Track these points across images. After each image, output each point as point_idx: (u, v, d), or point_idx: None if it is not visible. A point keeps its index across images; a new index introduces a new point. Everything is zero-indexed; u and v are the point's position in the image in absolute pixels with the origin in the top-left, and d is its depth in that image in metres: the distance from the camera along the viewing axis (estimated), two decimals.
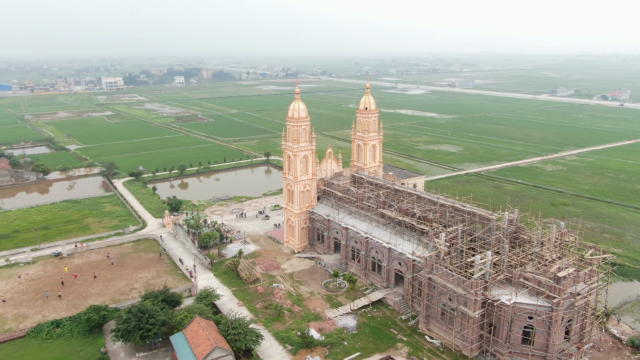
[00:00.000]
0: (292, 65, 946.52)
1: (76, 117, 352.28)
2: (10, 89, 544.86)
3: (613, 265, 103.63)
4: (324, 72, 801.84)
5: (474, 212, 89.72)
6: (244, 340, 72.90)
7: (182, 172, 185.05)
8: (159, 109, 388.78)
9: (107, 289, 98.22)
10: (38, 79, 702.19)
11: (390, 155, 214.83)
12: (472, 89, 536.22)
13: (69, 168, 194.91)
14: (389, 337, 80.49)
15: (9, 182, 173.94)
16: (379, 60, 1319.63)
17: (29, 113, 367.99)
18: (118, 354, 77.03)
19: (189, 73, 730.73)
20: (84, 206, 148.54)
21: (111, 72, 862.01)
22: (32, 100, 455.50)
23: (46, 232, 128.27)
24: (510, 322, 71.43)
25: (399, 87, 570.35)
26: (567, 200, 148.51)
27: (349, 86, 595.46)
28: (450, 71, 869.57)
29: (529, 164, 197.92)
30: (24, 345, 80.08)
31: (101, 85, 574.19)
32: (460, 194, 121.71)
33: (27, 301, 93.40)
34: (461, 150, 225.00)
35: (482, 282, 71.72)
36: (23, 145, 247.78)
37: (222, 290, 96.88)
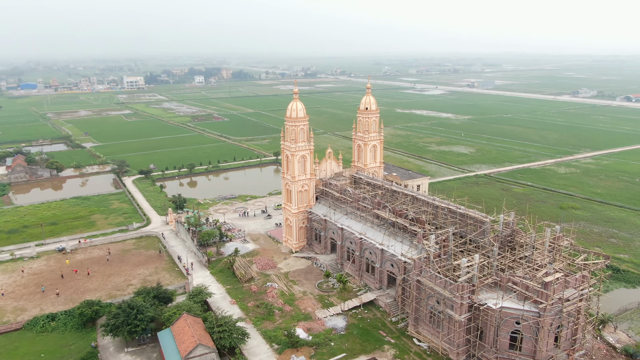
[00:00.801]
0: (312, 65, 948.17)
1: (96, 115, 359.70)
2: (36, 87, 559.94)
3: (616, 271, 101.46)
4: (343, 72, 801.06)
5: (468, 215, 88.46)
6: (229, 338, 73.37)
7: (191, 171, 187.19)
8: (177, 108, 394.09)
9: (105, 284, 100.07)
10: (63, 78, 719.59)
11: (400, 156, 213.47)
12: (492, 89, 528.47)
13: (82, 165, 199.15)
14: (377, 339, 79.97)
15: (23, 179, 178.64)
16: (400, 60, 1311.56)
17: (50, 111, 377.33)
18: (108, 348, 78.39)
19: (208, 73, 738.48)
20: (92, 203, 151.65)
21: (134, 71, 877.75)
22: (55, 99, 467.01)
23: (53, 227, 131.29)
24: (496, 327, 70.26)
25: (417, 87, 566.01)
26: (576, 204, 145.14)
27: None
28: (472, 71, 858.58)
29: (542, 166, 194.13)
30: (19, 337, 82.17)
31: (123, 84, 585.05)
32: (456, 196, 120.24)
33: (27, 295, 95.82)
34: (473, 151, 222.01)
35: (468, 285, 70.71)
36: (42, 142, 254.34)
37: (217, 288, 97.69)
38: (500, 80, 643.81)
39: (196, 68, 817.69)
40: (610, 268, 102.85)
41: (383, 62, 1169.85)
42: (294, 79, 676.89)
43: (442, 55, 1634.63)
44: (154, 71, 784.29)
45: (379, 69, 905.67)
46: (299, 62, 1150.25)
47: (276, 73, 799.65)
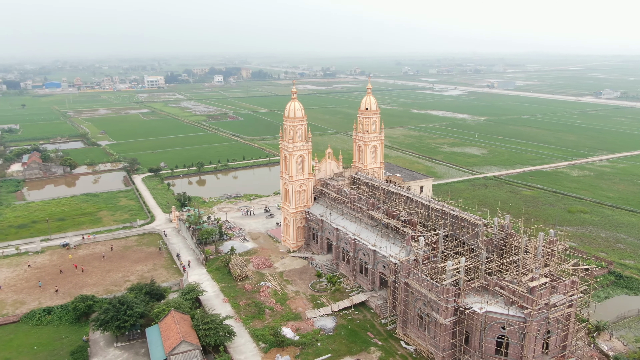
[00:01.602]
0: (331, 65, 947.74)
1: (115, 114, 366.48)
2: (60, 86, 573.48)
3: (619, 277, 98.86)
4: (362, 72, 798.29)
5: (461, 217, 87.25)
6: (214, 336, 73.92)
7: (200, 169, 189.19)
8: (194, 107, 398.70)
9: (103, 280, 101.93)
10: (88, 77, 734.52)
11: (410, 157, 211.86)
12: (512, 90, 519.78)
13: (95, 163, 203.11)
14: (364, 341, 79.53)
15: (37, 175, 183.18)
16: (422, 60, 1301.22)
17: (72, 110, 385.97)
18: (98, 342, 79.83)
19: (228, 72, 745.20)
20: (100, 200, 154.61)
21: (157, 71, 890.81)
22: (78, 98, 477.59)
23: (60, 223, 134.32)
24: (482, 332, 69.13)
25: (435, 87, 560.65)
26: (585, 208, 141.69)
27: (385, 86, 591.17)
28: (494, 72, 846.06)
29: (554, 168, 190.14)
30: (15, 329, 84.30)
31: (144, 83, 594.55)
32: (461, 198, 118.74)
33: (28, 288, 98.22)
34: (485, 153, 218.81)
35: (453, 288, 69.74)
36: (59, 140, 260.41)
37: (211, 286, 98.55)
38: (522, 81, 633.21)
39: (216, 68, 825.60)
40: (613, 274, 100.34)
41: (404, 62, 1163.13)
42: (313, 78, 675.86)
43: (464, 55, 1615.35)
44: (176, 70, 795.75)
45: (398, 69, 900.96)
46: (320, 62, 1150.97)
47: (295, 73, 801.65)
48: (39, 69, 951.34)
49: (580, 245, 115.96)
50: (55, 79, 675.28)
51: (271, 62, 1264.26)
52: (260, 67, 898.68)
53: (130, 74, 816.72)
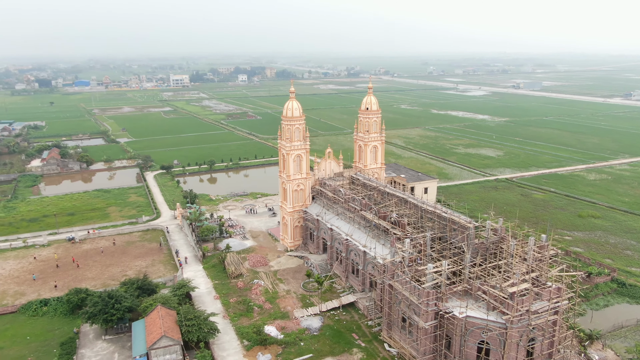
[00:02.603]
0: (356, 65, 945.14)
1: (138, 112, 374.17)
2: (89, 84, 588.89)
3: (621, 285, 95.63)
4: (387, 72, 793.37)
5: (452, 219, 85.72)
6: (197, 332, 74.68)
7: (211, 167, 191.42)
8: (215, 106, 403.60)
9: (102, 274, 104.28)
10: (117, 76, 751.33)
11: (423, 158, 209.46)
12: (538, 90, 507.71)
13: (111, 159, 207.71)
14: (348, 342, 79.09)
15: (55, 171, 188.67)
16: (449, 60, 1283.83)
17: (97, 107, 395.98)
18: (88, 335, 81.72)
19: (253, 72, 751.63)
20: (111, 196, 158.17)
21: (184, 70, 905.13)
22: (105, 96, 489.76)
23: (70, 218, 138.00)
24: (462, 337, 67.85)
25: (459, 87, 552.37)
26: (597, 212, 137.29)
27: (408, 86, 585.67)
28: (522, 72, 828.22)
29: (571, 171, 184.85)
30: (12, 319, 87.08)
31: (169, 82, 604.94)
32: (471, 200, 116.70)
33: (30, 280, 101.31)
34: (501, 154, 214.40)
35: (434, 291, 68.65)
36: (81, 137, 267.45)
37: (205, 282, 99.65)
38: (550, 82, 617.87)
39: (241, 67, 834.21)
40: (616, 281, 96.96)
41: (431, 63, 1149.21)
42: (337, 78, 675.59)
43: (492, 55, 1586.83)
44: (203, 70, 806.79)
45: (424, 69, 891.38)
46: (345, 62, 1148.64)
47: (319, 72, 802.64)
48: (72, 68, 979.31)
49: (586, 251, 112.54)
50: (86, 77, 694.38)
51: (297, 61, 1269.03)
52: (285, 67, 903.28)
53: (158, 72, 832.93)
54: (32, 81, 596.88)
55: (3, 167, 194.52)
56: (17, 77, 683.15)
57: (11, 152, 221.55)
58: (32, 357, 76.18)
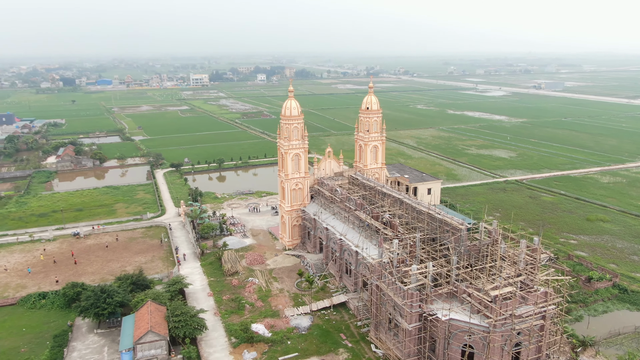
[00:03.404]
0: (376, 65, 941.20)
1: (155, 110, 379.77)
2: (111, 83, 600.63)
3: (623, 291, 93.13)
4: (406, 72, 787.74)
5: (445, 221, 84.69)
6: (184, 328, 75.36)
7: (220, 166, 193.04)
8: (231, 105, 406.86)
9: (102, 269, 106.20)
10: (139, 75, 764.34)
11: (433, 158, 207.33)
12: (560, 91, 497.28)
13: (124, 157, 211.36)
14: (335, 342, 78.84)
15: (69, 167, 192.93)
16: (472, 60, 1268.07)
17: (117, 106, 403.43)
18: (81, 328, 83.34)
19: (272, 71, 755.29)
20: (119, 192, 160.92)
21: (205, 69, 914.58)
22: (125, 94, 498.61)
23: (77, 213, 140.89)
24: (446, 339, 66.94)
25: (479, 88, 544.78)
26: (606, 216, 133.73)
27: (427, 86, 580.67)
28: (545, 72, 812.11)
29: (584, 174, 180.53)
30: (11, 311, 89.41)
31: (189, 81, 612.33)
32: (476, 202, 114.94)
33: (33, 273, 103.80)
34: (514, 156, 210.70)
35: (417, 293, 67.89)
36: (98, 134, 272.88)
37: (200, 279, 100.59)
38: (574, 82, 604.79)
39: (261, 66, 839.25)
40: (617, 287, 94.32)
41: (453, 63, 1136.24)
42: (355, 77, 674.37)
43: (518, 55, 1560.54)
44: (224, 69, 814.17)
45: (444, 69, 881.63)
46: (366, 62, 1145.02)
47: (338, 72, 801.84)
48: (97, 67, 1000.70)
49: (590, 256, 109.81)
50: (110, 76, 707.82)
51: (318, 61, 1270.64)
52: (304, 66, 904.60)
53: (179, 72, 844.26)
54: (57, 80, 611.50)
55: (20, 163, 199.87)
56: (43, 76, 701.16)
57: (29, 148, 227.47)
58: (26, 348, 78.06)
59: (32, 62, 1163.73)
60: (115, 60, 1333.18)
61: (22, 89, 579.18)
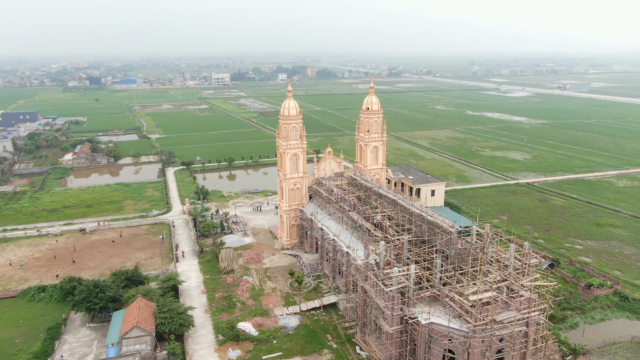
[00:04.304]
0: (399, 64, 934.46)
1: (175, 109, 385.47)
2: (135, 82, 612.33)
3: (624, 299, 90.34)
4: (429, 72, 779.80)
5: (436, 223, 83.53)
6: (170, 325, 76.36)
7: (231, 165, 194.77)
8: (250, 104, 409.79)
9: (103, 264, 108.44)
10: (164, 74, 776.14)
11: (445, 160, 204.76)
12: (586, 92, 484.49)
13: (139, 155, 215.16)
14: (320, 342, 78.65)
15: (84, 164, 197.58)
16: (498, 60, 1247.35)
17: (138, 104, 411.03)
18: (74, 322, 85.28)
19: (294, 71, 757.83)
20: (129, 189, 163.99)
21: (229, 68, 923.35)
22: (148, 93, 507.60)
23: (87, 209, 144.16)
24: (427, 343, 66.08)
25: (501, 88, 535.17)
26: (617, 222, 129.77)
27: (448, 86, 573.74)
28: (573, 72, 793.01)
29: (600, 177, 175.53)
30: (11, 303, 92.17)
31: (211, 80, 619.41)
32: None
33: (36, 267, 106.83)
34: (528, 158, 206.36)
35: (399, 296, 67.19)
36: (116, 132, 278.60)
37: (196, 276, 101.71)
38: (601, 83, 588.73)
39: (283, 66, 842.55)
40: (618, 295, 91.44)
41: (479, 62, 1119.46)
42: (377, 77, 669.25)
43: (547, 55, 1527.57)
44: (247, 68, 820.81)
45: (468, 69, 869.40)
46: (389, 62, 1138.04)
47: (360, 72, 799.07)
48: (124, 66, 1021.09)
49: (595, 262, 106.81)
50: (135, 75, 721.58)
51: (341, 61, 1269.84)
52: (326, 66, 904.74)
53: (203, 71, 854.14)
54: (84, 79, 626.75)
55: (38, 160, 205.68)
56: (71, 75, 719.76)
57: (49, 145, 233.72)
58: (20, 340, 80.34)
59: (63, 61, 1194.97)
60: (143, 59, 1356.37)
61: (50, 87, 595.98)
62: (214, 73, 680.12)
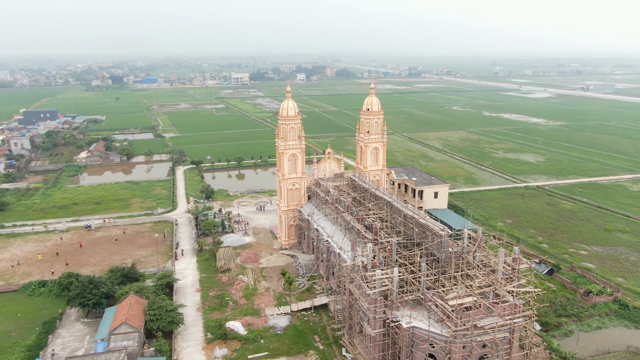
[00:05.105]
0: (419, 65, 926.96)
1: (192, 108, 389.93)
2: (156, 82, 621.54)
3: (623, 307, 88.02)
4: (449, 72, 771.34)
5: (427, 226, 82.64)
6: (158, 322, 77.39)
7: (239, 164, 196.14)
8: (266, 104, 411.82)
9: (104, 260, 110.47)
10: (185, 74, 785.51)
11: (455, 161, 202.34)
12: (610, 93, 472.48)
13: (152, 153, 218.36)
14: (307, 343, 78.65)
15: (97, 162, 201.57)
16: (522, 60, 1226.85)
17: (157, 103, 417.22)
18: (70, 316, 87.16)
19: (313, 71, 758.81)
20: (138, 187, 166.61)
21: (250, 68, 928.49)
22: (167, 92, 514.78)
23: (95, 206, 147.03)
24: (409, 348, 65.48)
25: (522, 89, 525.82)
26: (626, 227, 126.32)
27: (467, 87, 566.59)
28: (599, 73, 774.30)
29: (614, 181, 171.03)
30: (12, 297, 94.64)
31: (230, 80, 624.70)
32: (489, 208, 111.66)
33: (40, 262, 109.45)
34: (542, 160, 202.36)
35: (381, 299, 66.74)
36: (132, 131, 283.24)
37: (193, 274, 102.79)
38: (626, 84, 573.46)
39: (303, 66, 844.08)
40: (618, 302, 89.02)
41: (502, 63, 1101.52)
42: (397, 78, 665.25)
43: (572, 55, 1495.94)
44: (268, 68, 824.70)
45: (490, 70, 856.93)
46: (410, 62, 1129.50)
47: (379, 72, 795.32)
48: (147, 66, 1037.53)
49: (598, 268, 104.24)
50: (157, 75, 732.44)
51: (362, 61, 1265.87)
52: (346, 66, 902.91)
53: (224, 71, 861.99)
54: (106, 78, 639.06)
55: (54, 157, 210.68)
56: (95, 74, 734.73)
57: (66, 143, 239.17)
58: (16, 333, 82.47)
59: (90, 60, 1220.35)
60: (166, 59, 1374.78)
61: (74, 86, 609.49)
62: (233, 73, 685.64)
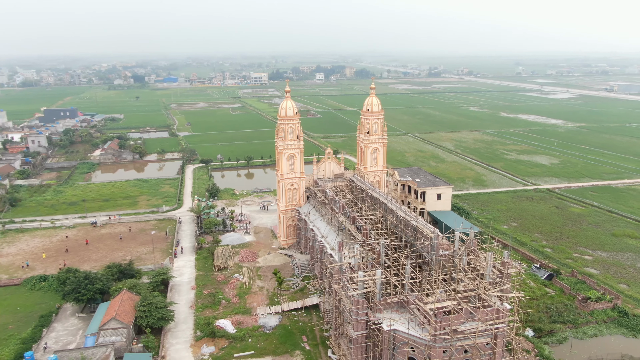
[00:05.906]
0: (439, 65, 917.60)
1: (209, 107, 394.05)
2: (176, 81, 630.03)
3: (622, 315, 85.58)
4: (470, 72, 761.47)
5: (418, 228, 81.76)
6: (147, 319, 78.40)
7: (249, 163, 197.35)
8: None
9: (105, 257, 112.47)
10: (207, 74, 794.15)
11: (466, 162, 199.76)
12: (635, 94, 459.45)
13: (164, 152, 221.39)
14: (294, 343, 78.68)
15: (110, 160, 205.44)
16: (548, 60, 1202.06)
17: (175, 102, 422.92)
18: (66, 311, 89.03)
19: (332, 70, 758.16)
20: (146, 185, 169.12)
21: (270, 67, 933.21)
22: (186, 92, 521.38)
23: (103, 204, 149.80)
24: (390, 350, 64.95)
25: (544, 90, 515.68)
26: (636, 232, 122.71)
27: (488, 87, 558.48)
28: (626, 73, 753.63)
29: (628, 185, 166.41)
30: (14, 291, 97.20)
31: (249, 80, 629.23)
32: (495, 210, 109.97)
33: (42, 257, 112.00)
34: (555, 162, 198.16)
35: (363, 300, 66.35)
36: (148, 129, 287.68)
37: (190, 272, 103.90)
38: None
39: (322, 65, 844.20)
40: (617, 310, 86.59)
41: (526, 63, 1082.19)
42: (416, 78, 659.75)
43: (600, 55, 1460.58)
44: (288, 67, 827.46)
45: (512, 70, 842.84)
46: (431, 62, 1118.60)
47: (399, 72, 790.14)
48: (169, 65, 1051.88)
49: (601, 274, 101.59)
50: (178, 74, 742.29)
51: (383, 60, 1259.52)
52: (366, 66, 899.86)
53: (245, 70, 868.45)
54: (128, 77, 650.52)
55: (69, 155, 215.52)
56: (118, 73, 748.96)
57: (83, 141, 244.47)
58: (13, 326, 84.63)
59: (115, 60, 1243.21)
60: (189, 58, 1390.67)
61: (97, 85, 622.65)
62: (253, 72, 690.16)
